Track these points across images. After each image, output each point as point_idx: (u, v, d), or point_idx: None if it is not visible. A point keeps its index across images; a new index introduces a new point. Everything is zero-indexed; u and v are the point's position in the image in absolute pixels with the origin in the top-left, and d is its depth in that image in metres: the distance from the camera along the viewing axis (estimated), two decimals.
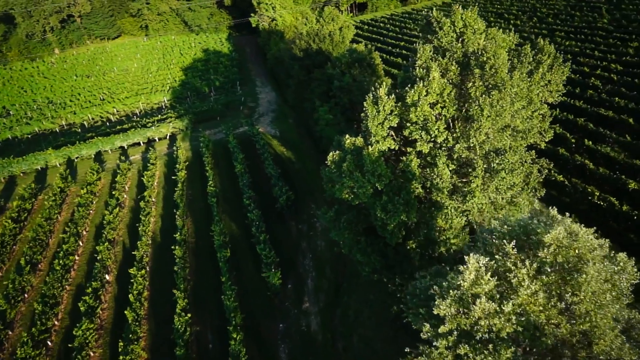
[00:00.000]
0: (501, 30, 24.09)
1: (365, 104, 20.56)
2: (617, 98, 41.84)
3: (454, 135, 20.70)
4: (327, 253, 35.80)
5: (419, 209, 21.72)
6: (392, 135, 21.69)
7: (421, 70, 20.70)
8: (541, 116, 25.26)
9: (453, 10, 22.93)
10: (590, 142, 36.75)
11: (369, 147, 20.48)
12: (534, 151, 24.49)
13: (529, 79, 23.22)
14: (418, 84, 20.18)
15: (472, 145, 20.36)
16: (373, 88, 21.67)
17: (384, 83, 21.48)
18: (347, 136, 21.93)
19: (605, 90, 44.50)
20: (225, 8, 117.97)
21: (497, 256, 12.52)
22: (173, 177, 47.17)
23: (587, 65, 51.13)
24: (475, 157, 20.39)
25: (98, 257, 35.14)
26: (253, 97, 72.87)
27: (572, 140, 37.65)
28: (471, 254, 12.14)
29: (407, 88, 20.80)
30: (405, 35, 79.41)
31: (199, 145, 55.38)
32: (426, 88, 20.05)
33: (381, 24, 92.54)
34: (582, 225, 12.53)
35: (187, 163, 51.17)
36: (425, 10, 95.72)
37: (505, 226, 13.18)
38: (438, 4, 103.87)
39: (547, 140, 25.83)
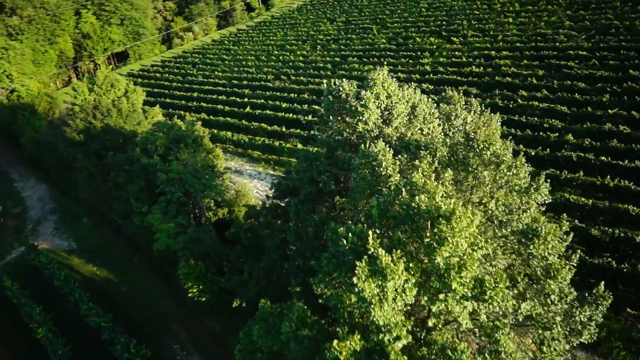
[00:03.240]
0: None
1: (356, 279, 11.94)
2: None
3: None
4: None
5: None
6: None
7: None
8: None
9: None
10: None
11: None
12: None
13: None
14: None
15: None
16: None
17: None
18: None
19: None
20: None
21: None
22: None
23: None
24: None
25: None
26: (14, 198, 53.29)
27: None
28: None
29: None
30: (194, 83, 70.56)
31: None
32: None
33: (157, 74, 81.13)
34: None
35: None
36: (207, 50, 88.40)
37: None
38: (207, 43, 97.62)
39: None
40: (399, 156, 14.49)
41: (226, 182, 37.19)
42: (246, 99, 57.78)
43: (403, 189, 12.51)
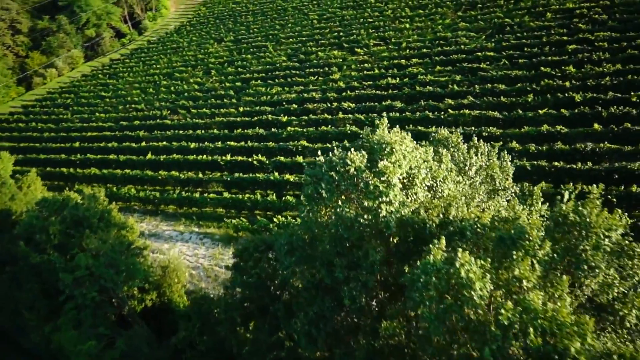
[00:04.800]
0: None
1: None
2: None
3: None
4: None
5: None
6: None
7: None
8: None
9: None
10: None
11: None
12: None
13: None
14: None
15: None
16: None
17: None
18: None
19: None
20: None
21: None
22: None
23: None
24: None
25: None
26: None
27: None
28: None
29: None
30: (72, 130, 59.65)
31: None
32: None
33: (20, 123, 67.80)
34: None
35: None
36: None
37: None
38: (77, 79, 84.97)
39: None
40: (479, 261, 10.06)
41: (149, 259, 30.04)
42: (144, 143, 49.55)
43: (531, 329, 8.20)
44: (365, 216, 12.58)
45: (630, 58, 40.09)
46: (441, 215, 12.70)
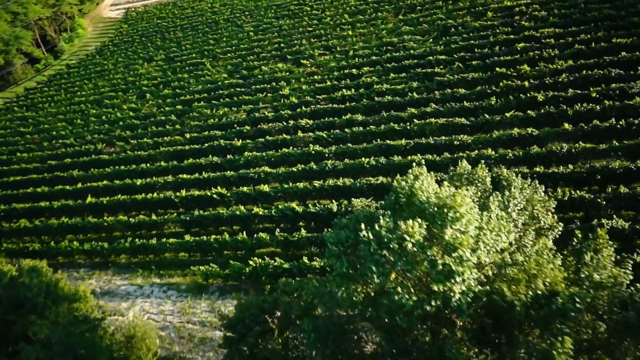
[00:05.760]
0: None
1: None
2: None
3: None
4: None
5: None
6: None
7: None
8: None
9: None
10: None
11: None
12: None
13: None
14: None
15: None
16: None
17: None
18: None
19: None
20: None
21: None
22: None
23: None
24: None
25: None
26: None
27: None
28: None
29: None
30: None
31: None
32: None
33: None
34: None
35: None
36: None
37: None
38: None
39: None
40: None
41: (110, 330, 25.63)
42: (80, 184, 43.83)
43: None
44: (433, 302, 9.99)
45: (578, 53, 40.76)
46: (530, 292, 10.39)
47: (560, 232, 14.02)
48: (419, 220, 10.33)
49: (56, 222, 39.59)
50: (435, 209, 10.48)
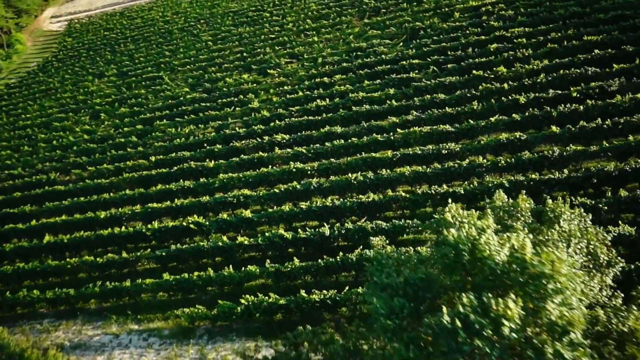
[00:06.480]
0: None
1: None
2: None
3: None
4: None
5: None
6: None
7: None
8: None
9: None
10: None
11: None
12: None
13: None
14: None
15: None
16: None
17: None
18: None
19: None
20: None
21: None
22: None
23: None
24: None
25: None
26: None
27: None
28: None
29: None
30: None
31: None
32: None
33: None
34: None
35: None
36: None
37: None
38: None
39: None
40: None
41: None
42: (34, 221, 39.40)
43: None
44: None
45: (551, 52, 40.57)
46: None
47: (621, 269, 12.55)
48: (512, 295, 8.38)
49: (10, 268, 35.13)
50: (528, 279, 8.56)
